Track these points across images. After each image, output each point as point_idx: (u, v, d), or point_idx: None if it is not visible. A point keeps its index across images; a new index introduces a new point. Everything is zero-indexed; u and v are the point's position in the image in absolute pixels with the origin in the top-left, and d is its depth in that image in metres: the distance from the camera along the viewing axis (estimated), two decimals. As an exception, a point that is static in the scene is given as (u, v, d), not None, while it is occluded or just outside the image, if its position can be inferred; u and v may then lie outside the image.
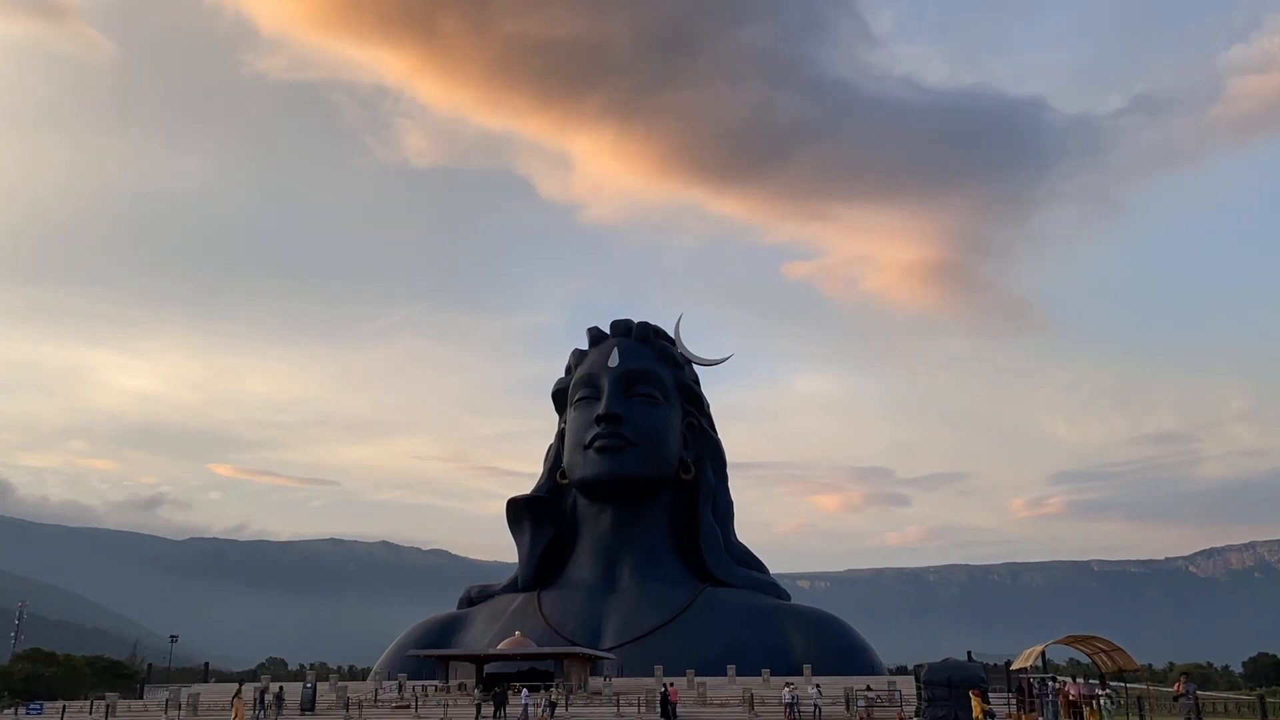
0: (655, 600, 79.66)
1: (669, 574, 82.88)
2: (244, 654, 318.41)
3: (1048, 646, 49.60)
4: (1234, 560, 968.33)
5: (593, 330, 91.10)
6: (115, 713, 65.94)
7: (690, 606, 78.86)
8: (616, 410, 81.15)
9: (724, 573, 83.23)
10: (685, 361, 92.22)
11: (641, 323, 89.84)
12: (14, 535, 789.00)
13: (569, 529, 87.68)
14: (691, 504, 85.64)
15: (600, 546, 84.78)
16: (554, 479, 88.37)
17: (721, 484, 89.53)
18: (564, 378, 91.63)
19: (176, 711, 64.55)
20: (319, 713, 65.67)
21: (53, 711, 66.40)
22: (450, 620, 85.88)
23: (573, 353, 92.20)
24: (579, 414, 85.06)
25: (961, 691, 42.06)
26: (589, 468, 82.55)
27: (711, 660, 69.56)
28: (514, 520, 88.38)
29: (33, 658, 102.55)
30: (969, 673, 45.13)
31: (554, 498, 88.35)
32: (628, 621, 77.90)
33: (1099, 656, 46.55)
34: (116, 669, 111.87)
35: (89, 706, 70.83)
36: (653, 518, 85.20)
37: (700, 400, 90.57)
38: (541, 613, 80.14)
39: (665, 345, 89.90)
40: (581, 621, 78.45)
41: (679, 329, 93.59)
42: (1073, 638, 47.19)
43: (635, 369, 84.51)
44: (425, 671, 75.23)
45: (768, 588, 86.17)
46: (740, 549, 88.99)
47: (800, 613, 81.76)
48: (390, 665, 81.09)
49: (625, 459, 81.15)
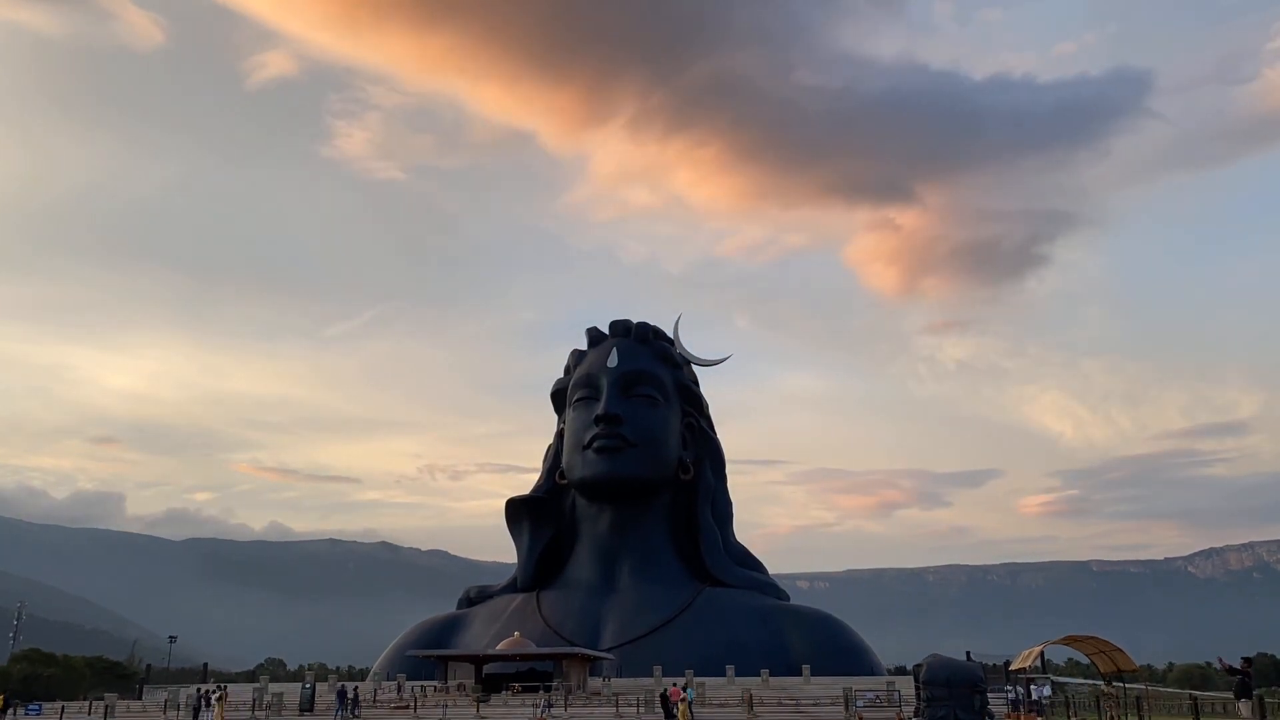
0: (654, 601, 79.66)
1: (668, 574, 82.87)
2: (243, 654, 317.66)
3: (1047, 647, 49.64)
4: (1233, 561, 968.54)
5: (592, 331, 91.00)
6: (114, 713, 65.87)
7: (689, 607, 78.89)
8: (615, 411, 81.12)
9: (723, 573, 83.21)
10: (684, 362, 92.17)
11: (640, 323, 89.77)
12: (13, 536, 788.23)
13: (568, 529, 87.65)
14: (690, 504, 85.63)
15: (599, 547, 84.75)
16: (553, 479, 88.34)
17: (720, 484, 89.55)
18: (563, 378, 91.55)
19: (175, 712, 64.50)
20: (317, 713, 65.65)
21: (52, 712, 66.29)
22: (449, 621, 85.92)
23: (572, 353, 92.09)
24: (578, 414, 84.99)
25: (961, 691, 41.96)
26: (588, 468, 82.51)
27: (711, 661, 69.67)
28: (513, 521, 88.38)
29: (31, 658, 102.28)
30: (968, 672, 45.06)
31: (553, 498, 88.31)
32: (627, 622, 77.90)
33: (1098, 657, 46.56)
34: (115, 669, 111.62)
35: (88, 707, 70.75)
36: (652, 518, 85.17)
37: (699, 401, 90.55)
38: (541, 613, 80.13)
39: (664, 346, 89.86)
40: (580, 622, 78.44)
41: (678, 329, 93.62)
42: (1072, 638, 47.20)
43: (634, 370, 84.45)
44: (424, 672, 75.26)
45: (767, 588, 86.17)
46: (739, 549, 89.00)
47: (800, 613, 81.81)
48: (389, 666, 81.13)
49: (624, 460, 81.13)
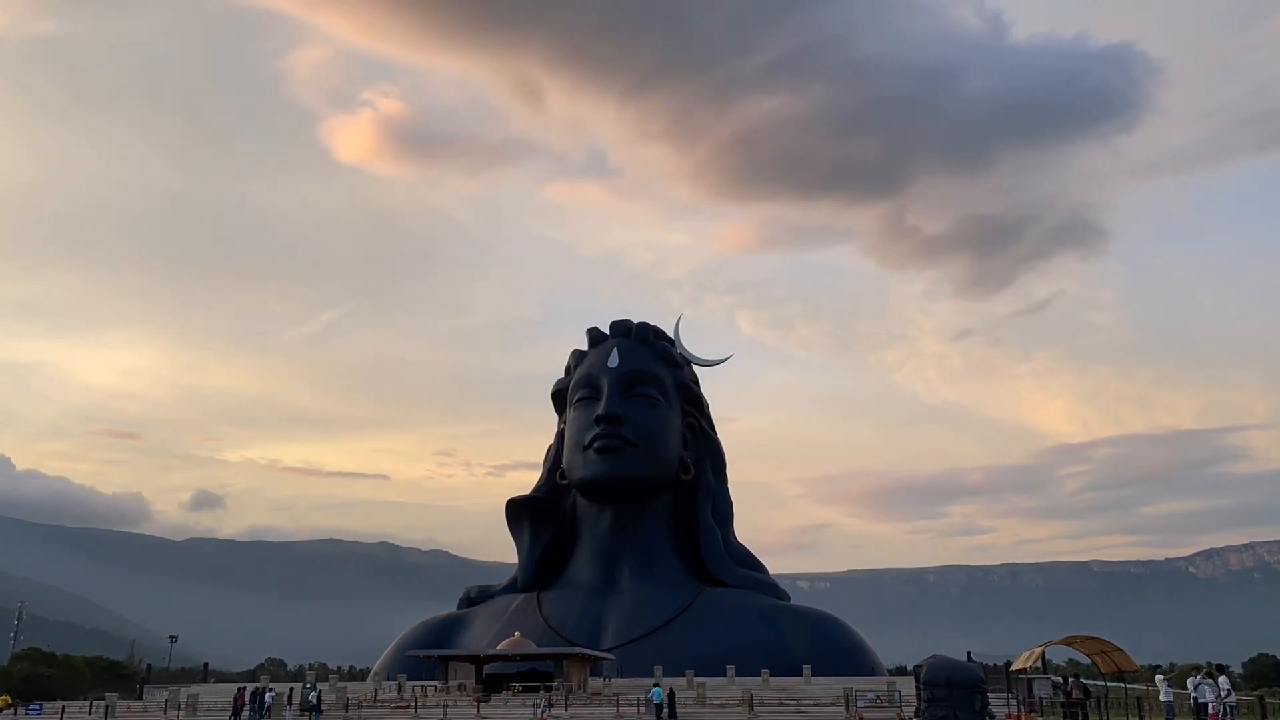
0: (655, 601, 79.64)
1: (668, 574, 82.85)
2: (243, 654, 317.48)
3: (1048, 647, 49.68)
4: (1233, 561, 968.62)
5: (592, 331, 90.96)
6: (115, 713, 65.88)
7: (690, 607, 78.86)
8: (616, 411, 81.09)
9: (723, 573, 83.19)
10: (685, 362, 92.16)
11: (641, 323, 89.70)
12: (13, 535, 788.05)
13: (569, 530, 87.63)
14: (691, 505, 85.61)
15: (600, 547, 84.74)
16: (554, 479, 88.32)
17: (721, 484, 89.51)
18: (563, 378, 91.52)
19: (176, 712, 64.51)
20: (318, 713, 65.52)
21: (52, 712, 66.31)
22: (450, 621, 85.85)
23: (572, 353, 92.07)
24: (578, 415, 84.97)
25: (961, 691, 41.93)
26: (588, 468, 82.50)
27: (711, 661, 69.59)
28: (514, 521, 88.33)
29: (32, 658, 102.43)
30: (968, 673, 45.05)
31: (554, 498, 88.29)
32: (627, 622, 77.91)
33: (1099, 657, 46.59)
34: (116, 669, 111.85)
35: (88, 707, 70.75)
36: (652, 518, 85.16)
37: (700, 401, 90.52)
38: (541, 613, 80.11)
39: (665, 346, 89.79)
40: (581, 622, 78.44)
41: (678, 329, 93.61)
42: (1072, 638, 47.25)
43: (635, 370, 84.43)
44: (425, 672, 75.19)
45: (767, 588, 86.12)
46: (740, 549, 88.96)
47: (800, 613, 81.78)
48: (390, 666, 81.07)
49: (625, 460, 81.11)
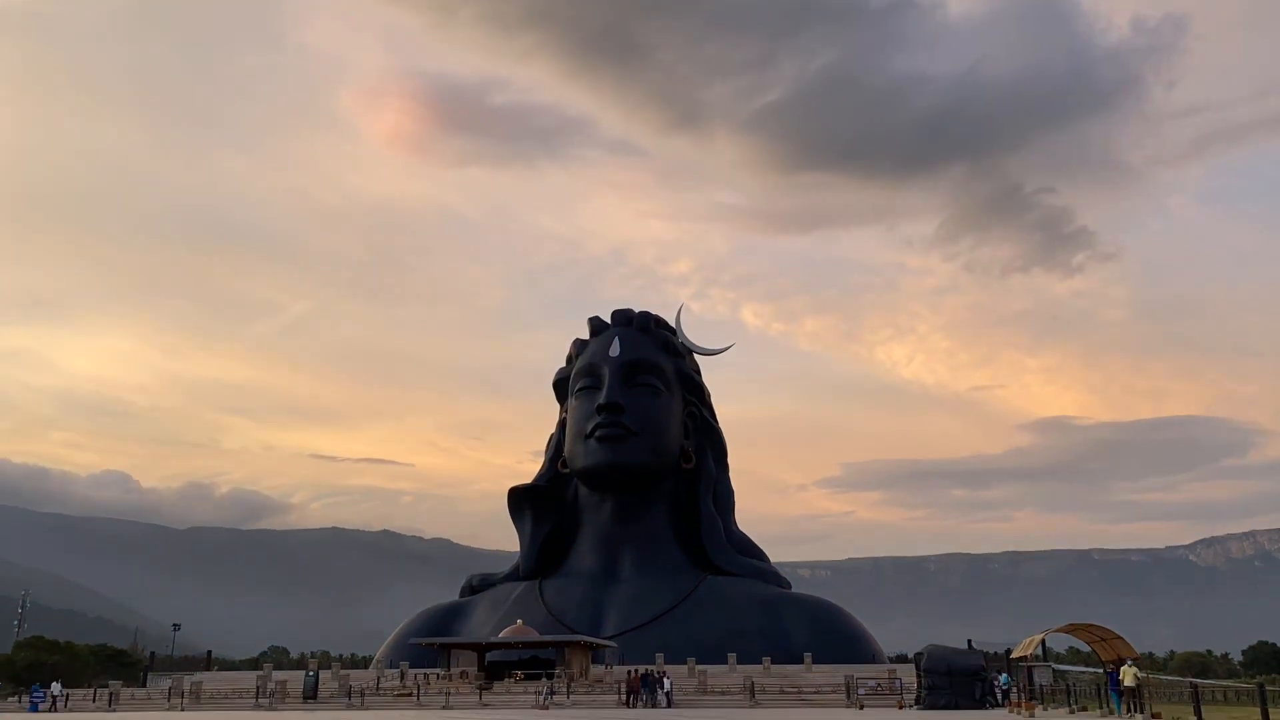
0: (656, 589, 79.86)
1: (670, 563, 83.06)
2: (246, 643, 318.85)
3: (1048, 635, 49.85)
4: (1234, 549, 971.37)
5: (594, 320, 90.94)
6: (119, 700, 66.27)
7: (691, 595, 79.10)
8: (617, 400, 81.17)
9: (725, 561, 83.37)
10: (686, 351, 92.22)
11: (643, 312, 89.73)
12: (16, 524, 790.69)
13: (570, 518, 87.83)
14: (692, 493, 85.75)
15: (601, 536, 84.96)
16: (555, 468, 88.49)
17: (722, 473, 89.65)
18: (565, 367, 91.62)
19: (179, 699, 64.87)
20: (321, 700, 66.00)
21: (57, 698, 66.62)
22: (452, 609, 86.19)
23: (574, 342, 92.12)
24: (580, 404, 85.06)
25: (961, 679, 41.89)
26: (590, 457, 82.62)
27: (712, 648, 69.89)
28: (515, 509, 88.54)
29: (35, 645, 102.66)
30: (968, 661, 45.21)
31: (555, 487, 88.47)
32: (629, 610, 78.15)
33: (1099, 645, 46.74)
34: (119, 657, 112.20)
35: (92, 694, 71.13)
36: (654, 507, 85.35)
37: (701, 390, 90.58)
38: (543, 601, 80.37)
39: (666, 335, 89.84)
40: (583, 610, 78.68)
41: (680, 319, 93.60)
42: (1073, 626, 47.41)
43: (636, 359, 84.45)
44: (427, 660, 75.53)
45: (768, 576, 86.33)
46: (741, 538, 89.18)
47: (801, 601, 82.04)
48: (392, 654, 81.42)
49: (626, 448, 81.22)
